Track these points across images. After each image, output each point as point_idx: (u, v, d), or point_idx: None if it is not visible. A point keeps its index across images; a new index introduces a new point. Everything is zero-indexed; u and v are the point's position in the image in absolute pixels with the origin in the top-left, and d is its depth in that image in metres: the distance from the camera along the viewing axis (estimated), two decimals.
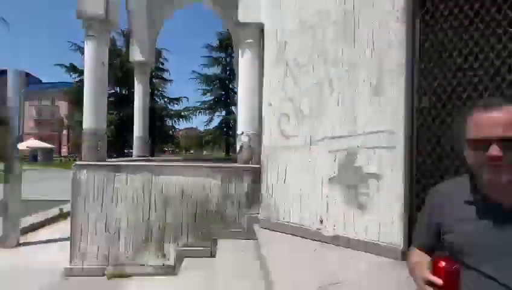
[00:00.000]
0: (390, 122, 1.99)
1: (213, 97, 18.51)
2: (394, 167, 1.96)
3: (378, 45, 2.04)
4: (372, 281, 1.66)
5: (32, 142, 24.83)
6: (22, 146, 6.95)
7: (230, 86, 17.63)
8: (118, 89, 17.27)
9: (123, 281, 2.59)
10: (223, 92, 18.09)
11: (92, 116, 2.87)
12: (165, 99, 18.76)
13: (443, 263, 0.69)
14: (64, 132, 33.23)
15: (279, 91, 2.57)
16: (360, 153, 2.10)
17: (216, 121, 18.79)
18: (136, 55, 4.59)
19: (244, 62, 2.93)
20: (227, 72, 17.72)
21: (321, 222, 2.29)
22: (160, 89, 18.30)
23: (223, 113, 18.14)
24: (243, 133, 2.92)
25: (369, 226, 2.06)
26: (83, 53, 5.14)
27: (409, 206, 1.95)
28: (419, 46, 1.98)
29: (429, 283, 0.70)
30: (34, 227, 4.26)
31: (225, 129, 17.77)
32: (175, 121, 19.03)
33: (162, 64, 18.18)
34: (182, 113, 18.74)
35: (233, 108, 16.97)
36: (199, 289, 2.13)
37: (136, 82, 4.86)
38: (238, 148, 3.00)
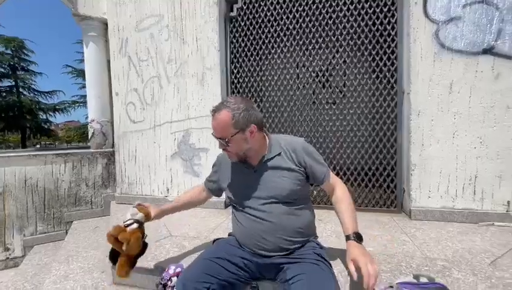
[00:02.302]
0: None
1: None
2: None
3: (201, 47, 2.60)
4: (201, 224, 2.23)
5: None
6: None
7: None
8: None
9: None
10: None
11: None
12: (35, 93, 17.14)
13: None
14: None
15: (125, 82, 2.83)
16: (193, 132, 2.67)
17: None
18: None
19: (90, 54, 2.98)
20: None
21: (168, 190, 2.79)
22: (27, 82, 16.61)
23: None
24: (94, 120, 3.02)
25: None
26: None
27: None
28: (230, 51, 2.67)
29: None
30: None
31: None
32: (50, 115, 17.78)
33: (27, 55, 16.16)
34: (57, 107, 17.60)
35: None
36: (42, 270, 2.20)
37: None
38: (89, 135, 3.08)
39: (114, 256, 1.26)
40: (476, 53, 1.92)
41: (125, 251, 1.21)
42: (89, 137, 3.11)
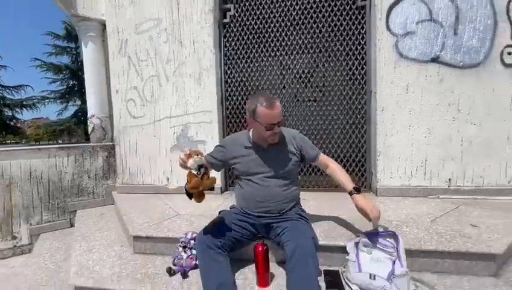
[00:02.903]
0: (209, 104, 2.93)
1: (65, 86, 17.15)
2: (213, 135, 2.94)
3: (197, 50, 2.89)
4: (203, 206, 2.56)
5: None
6: None
7: (84, 77, 17.10)
8: None
9: None
10: (76, 82, 17.14)
11: None
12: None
13: (260, 247, 1.40)
14: None
15: (125, 80, 3.05)
16: (191, 126, 2.97)
17: (71, 110, 17.64)
18: None
19: (88, 53, 3.15)
20: (79, 62, 16.88)
21: (168, 179, 3.07)
22: None
23: (78, 102, 17.27)
24: (93, 115, 3.20)
25: None
26: None
27: None
28: (224, 53, 2.99)
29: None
30: None
31: (82, 118, 17.00)
32: (17, 111, 16.74)
33: None
34: (25, 103, 16.60)
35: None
36: (57, 252, 2.41)
37: None
38: (89, 130, 3.26)
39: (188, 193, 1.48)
40: (426, 61, 2.41)
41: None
42: (89, 132, 3.28)
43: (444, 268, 1.49)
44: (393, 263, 1.40)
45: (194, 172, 1.41)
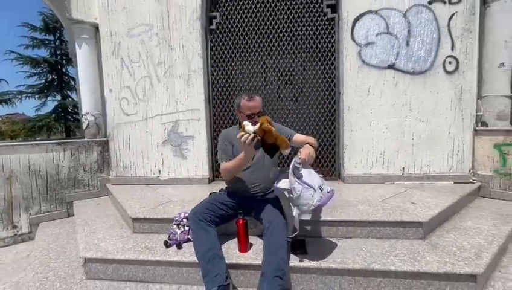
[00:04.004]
0: (197, 103, 3.23)
1: (43, 81, 16.58)
2: (201, 131, 3.25)
3: (186, 53, 3.18)
4: (193, 193, 2.86)
5: None
6: None
7: (64, 70, 16.64)
8: None
9: None
10: (55, 77, 16.62)
11: None
12: None
13: (240, 221, 1.74)
14: None
15: (118, 80, 3.29)
16: (181, 123, 3.26)
17: (50, 106, 17.09)
18: None
19: (82, 54, 3.36)
20: (58, 56, 16.38)
21: (159, 171, 3.36)
22: None
23: (58, 97, 16.79)
24: (88, 113, 3.43)
25: (190, 168, 3.32)
26: None
27: (211, 153, 3.34)
28: (210, 57, 3.29)
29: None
30: None
31: (63, 114, 16.50)
32: None
33: None
34: None
35: (70, 93, 16.03)
36: (59, 237, 2.66)
37: None
38: (84, 126, 3.48)
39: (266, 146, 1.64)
40: (384, 68, 2.83)
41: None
42: (84, 128, 3.50)
43: (385, 234, 1.90)
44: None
45: (252, 130, 1.56)
